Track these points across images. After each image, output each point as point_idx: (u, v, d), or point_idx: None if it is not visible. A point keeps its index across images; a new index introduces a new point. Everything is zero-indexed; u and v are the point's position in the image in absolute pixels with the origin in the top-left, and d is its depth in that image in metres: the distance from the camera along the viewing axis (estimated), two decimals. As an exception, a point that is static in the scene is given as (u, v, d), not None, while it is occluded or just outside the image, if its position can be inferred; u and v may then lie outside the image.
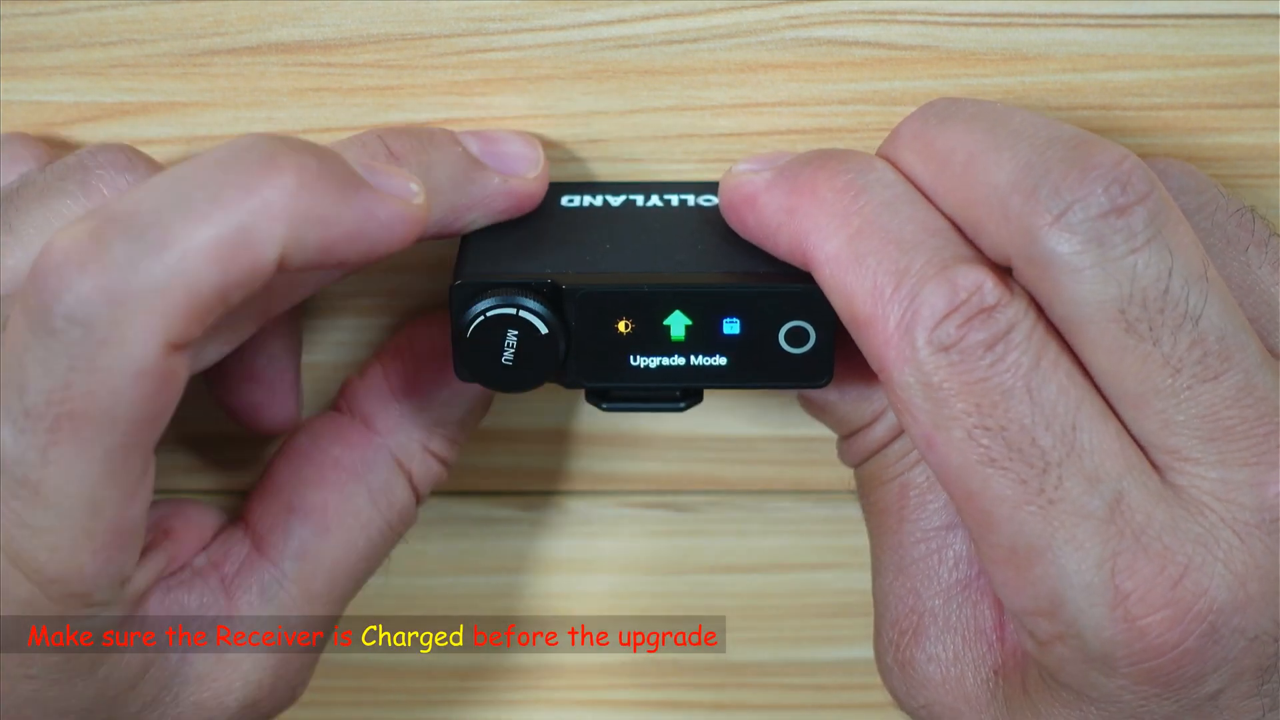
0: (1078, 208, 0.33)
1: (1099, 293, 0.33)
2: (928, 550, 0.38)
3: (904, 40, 0.41)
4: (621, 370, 0.38)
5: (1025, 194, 0.34)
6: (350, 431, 0.41)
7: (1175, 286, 0.34)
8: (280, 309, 0.39)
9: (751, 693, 0.49)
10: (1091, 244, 0.33)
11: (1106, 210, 0.33)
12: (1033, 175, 0.34)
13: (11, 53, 0.41)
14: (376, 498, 0.41)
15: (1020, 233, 0.34)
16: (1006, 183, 0.34)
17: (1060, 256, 0.33)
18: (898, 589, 0.38)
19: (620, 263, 0.38)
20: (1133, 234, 0.33)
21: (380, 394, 0.42)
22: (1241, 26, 0.40)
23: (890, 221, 0.35)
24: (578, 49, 0.41)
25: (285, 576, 0.40)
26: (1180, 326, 0.34)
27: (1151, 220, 0.33)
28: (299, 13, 0.41)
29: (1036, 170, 0.34)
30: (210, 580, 0.40)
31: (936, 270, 0.34)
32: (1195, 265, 0.34)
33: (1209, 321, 0.34)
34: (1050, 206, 0.33)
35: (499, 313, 0.37)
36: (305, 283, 0.39)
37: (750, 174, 0.37)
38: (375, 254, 0.35)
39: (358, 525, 0.41)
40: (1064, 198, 0.33)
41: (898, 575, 0.38)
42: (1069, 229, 0.33)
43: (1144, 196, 0.33)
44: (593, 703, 0.49)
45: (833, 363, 0.37)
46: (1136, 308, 0.33)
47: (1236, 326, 0.34)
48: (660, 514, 0.47)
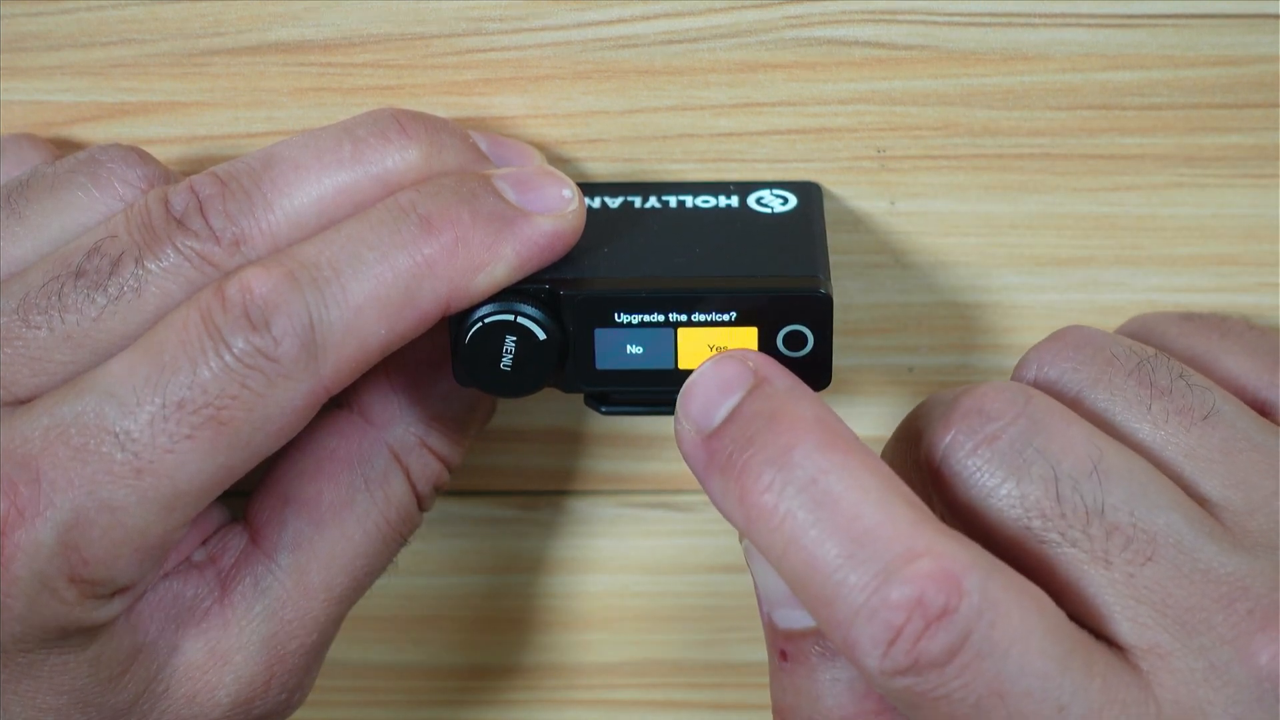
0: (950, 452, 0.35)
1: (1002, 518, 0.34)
2: None
3: (904, 40, 0.40)
4: (620, 374, 0.38)
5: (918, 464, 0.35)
6: (347, 424, 0.41)
7: (1065, 491, 0.34)
8: None
9: (751, 693, 0.49)
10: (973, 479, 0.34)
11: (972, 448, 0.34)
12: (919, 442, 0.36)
13: (11, 53, 0.41)
14: (373, 490, 0.41)
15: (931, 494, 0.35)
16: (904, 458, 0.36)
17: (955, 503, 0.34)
18: None
19: (617, 267, 0.38)
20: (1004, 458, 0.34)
21: (379, 387, 0.42)
22: (1241, 26, 0.40)
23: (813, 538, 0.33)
24: (578, 49, 0.41)
25: (279, 568, 0.40)
26: (1088, 522, 0.34)
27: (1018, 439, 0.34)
28: (299, 13, 0.41)
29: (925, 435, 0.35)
30: (206, 573, 0.40)
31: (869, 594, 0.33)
32: (1081, 464, 0.34)
33: (1114, 510, 0.34)
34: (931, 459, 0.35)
35: (497, 319, 0.37)
36: None
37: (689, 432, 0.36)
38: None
39: (353, 518, 0.41)
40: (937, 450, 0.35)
41: None
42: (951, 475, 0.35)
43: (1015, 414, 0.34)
44: (593, 703, 0.49)
45: (831, 366, 0.37)
46: (1038, 519, 0.34)
47: (1149, 504, 0.34)
48: (660, 514, 0.47)
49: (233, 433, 0.35)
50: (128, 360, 0.36)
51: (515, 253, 0.37)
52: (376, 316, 0.36)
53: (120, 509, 0.35)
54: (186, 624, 0.39)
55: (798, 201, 0.41)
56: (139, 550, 0.36)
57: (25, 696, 0.37)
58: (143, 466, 0.35)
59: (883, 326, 0.44)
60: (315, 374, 0.36)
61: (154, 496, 0.35)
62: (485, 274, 0.37)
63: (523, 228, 0.37)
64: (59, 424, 0.35)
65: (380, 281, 0.36)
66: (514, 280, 0.37)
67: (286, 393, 0.35)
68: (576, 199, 0.38)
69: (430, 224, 0.36)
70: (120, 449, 0.35)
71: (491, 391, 0.38)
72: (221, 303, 0.35)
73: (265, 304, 0.35)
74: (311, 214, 0.37)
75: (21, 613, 0.36)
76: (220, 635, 0.39)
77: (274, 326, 0.35)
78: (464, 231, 0.37)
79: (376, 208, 0.37)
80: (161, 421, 0.35)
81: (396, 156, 0.38)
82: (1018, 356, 0.38)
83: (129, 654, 0.38)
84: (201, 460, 0.35)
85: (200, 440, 0.35)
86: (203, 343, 0.35)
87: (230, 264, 0.37)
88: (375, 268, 0.36)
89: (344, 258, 0.36)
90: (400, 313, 0.36)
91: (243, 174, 0.37)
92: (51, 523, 0.35)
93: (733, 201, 0.41)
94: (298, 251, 0.36)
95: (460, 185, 0.37)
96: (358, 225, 0.37)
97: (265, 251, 0.37)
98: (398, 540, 0.41)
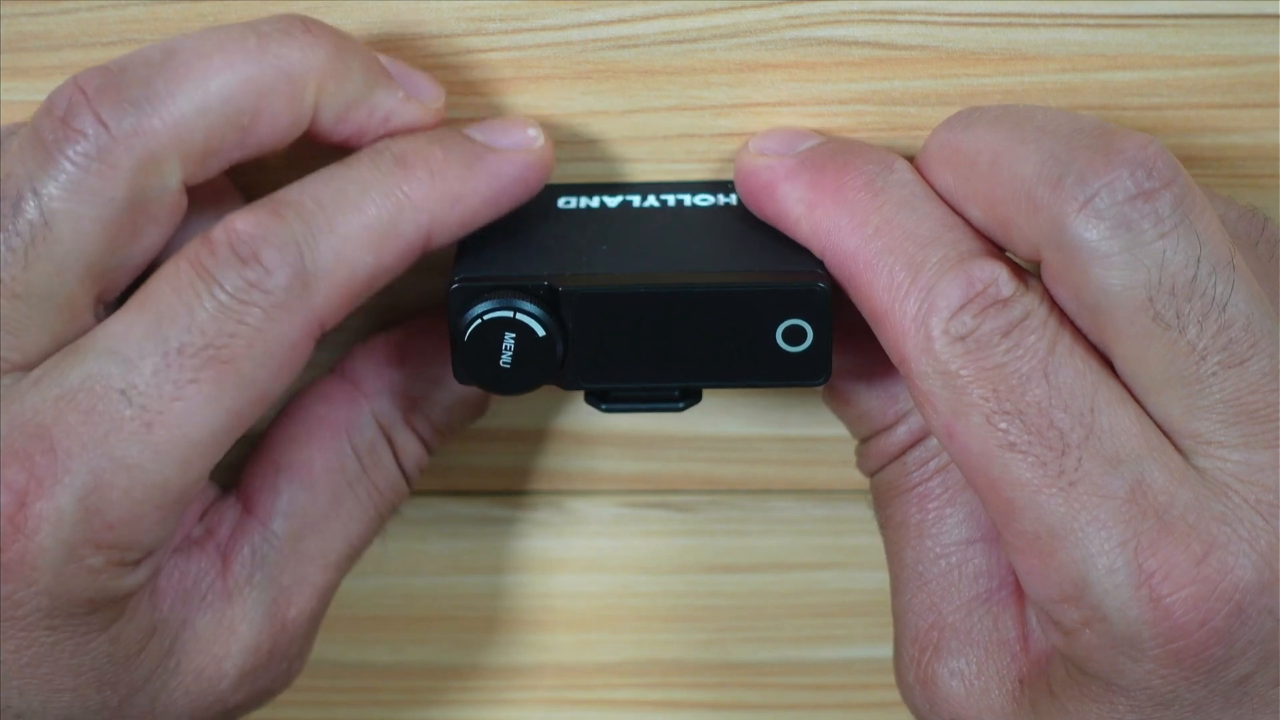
0: (1104, 193, 0.34)
1: (1127, 279, 0.34)
2: (947, 565, 0.38)
3: (904, 40, 0.40)
4: (620, 371, 0.38)
5: (1051, 184, 0.34)
6: (336, 391, 0.42)
7: (1203, 273, 0.34)
8: None
9: (751, 693, 0.49)
10: (1119, 229, 0.34)
11: (1133, 195, 0.34)
12: (1058, 165, 0.34)
13: (11, 53, 0.41)
14: (362, 457, 0.41)
15: (1048, 222, 0.34)
16: (1032, 175, 0.34)
17: (1088, 243, 0.34)
18: (917, 605, 0.38)
19: (617, 264, 0.38)
20: (1160, 219, 0.34)
21: (374, 358, 0.42)
22: (1241, 26, 0.40)
23: (908, 219, 0.36)
24: (578, 49, 0.41)
25: (275, 535, 0.40)
26: (1207, 314, 0.34)
27: (1178, 205, 0.34)
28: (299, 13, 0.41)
29: (1061, 160, 0.34)
30: (206, 547, 0.40)
31: (952, 264, 0.35)
32: (1222, 252, 0.34)
33: (1235, 308, 0.34)
34: (1077, 194, 0.34)
35: (496, 316, 0.37)
36: None
37: (768, 160, 0.38)
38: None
39: (344, 483, 0.41)
40: (1090, 185, 0.34)
41: (917, 591, 0.38)
42: (1096, 215, 0.34)
43: (1170, 181, 0.34)
44: (593, 703, 0.49)
45: (830, 361, 0.37)
46: (1165, 295, 0.34)
47: (1262, 313, 0.34)
48: (660, 514, 0.47)
49: (235, 372, 0.36)
50: (125, 317, 0.36)
51: (488, 184, 0.38)
52: (363, 244, 0.37)
53: (136, 466, 0.36)
54: (192, 598, 0.39)
55: (798, 201, 0.41)
56: (160, 507, 0.36)
57: (43, 679, 0.37)
58: (152, 419, 0.36)
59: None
60: (309, 304, 0.36)
61: (168, 449, 0.36)
62: (463, 205, 0.38)
63: (492, 161, 0.39)
64: (67, 391, 0.36)
65: (363, 212, 0.37)
66: (491, 215, 0.39)
67: (283, 325, 0.36)
68: (542, 137, 0.39)
69: (405, 160, 0.38)
70: (128, 405, 0.35)
71: (491, 389, 0.38)
72: (209, 247, 0.36)
73: (252, 239, 0.36)
74: (217, 104, 0.36)
75: (49, 585, 0.36)
76: (225, 607, 0.40)
77: (264, 258, 0.36)
78: (438, 166, 0.38)
79: (353, 154, 0.38)
80: (165, 370, 0.36)
81: (301, 53, 0.37)
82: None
83: (146, 632, 0.38)
84: (208, 404, 0.36)
85: (205, 383, 0.36)
86: (195, 286, 0.36)
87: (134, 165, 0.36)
88: (357, 199, 0.37)
89: (327, 194, 0.37)
90: (385, 242, 0.37)
91: (139, 65, 0.37)
92: (71, 489, 0.35)
93: (731, 199, 0.41)
94: (279, 194, 0.37)
95: (431, 132, 0.39)
96: (336, 167, 0.38)
97: (170, 147, 0.36)
98: (387, 509, 0.42)
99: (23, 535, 0.35)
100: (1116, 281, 0.34)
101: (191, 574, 0.39)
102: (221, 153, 0.37)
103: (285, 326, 0.36)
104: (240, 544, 0.40)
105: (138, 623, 0.38)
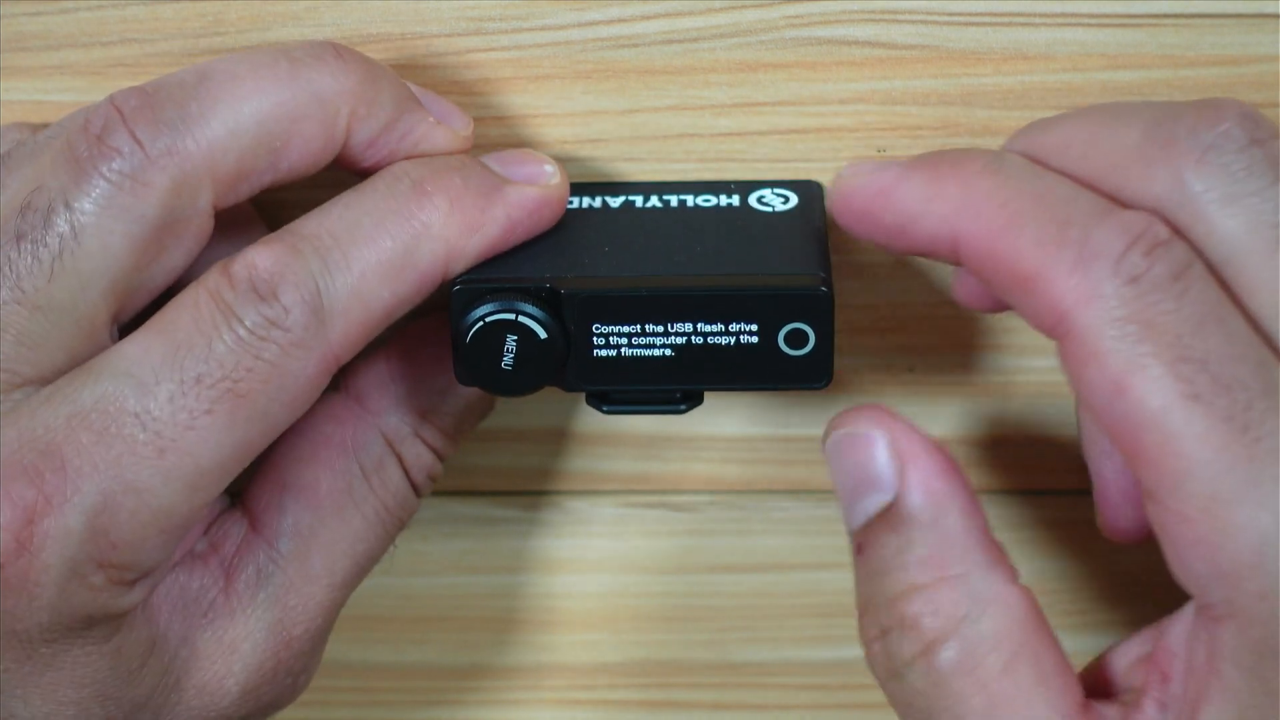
0: (1221, 142, 0.34)
1: (1256, 221, 0.34)
2: None
3: (904, 40, 0.41)
4: (621, 373, 0.38)
5: (1163, 143, 0.34)
6: (343, 409, 0.42)
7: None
8: None
9: (751, 693, 0.49)
10: (1240, 176, 0.34)
11: (1246, 144, 0.34)
12: (1165, 128, 0.34)
13: (11, 52, 0.41)
14: (370, 476, 0.41)
15: (1166, 178, 0.34)
16: (1139, 139, 0.35)
17: (1212, 191, 0.34)
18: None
19: (619, 266, 0.38)
20: (1275, 163, 0.34)
21: (378, 374, 0.42)
22: (1241, 26, 0.40)
23: (1038, 186, 0.35)
24: (578, 49, 0.41)
25: (281, 555, 0.40)
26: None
27: None
28: (299, 13, 0.41)
29: (1167, 124, 0.34)
30: (210, 563, 0.40)
31: (1102, 213, 0.34)
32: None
33: None
34: (1192, 147, 0.34)
35: (498, 318, 0.37)
36: None
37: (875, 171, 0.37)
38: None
39: (351, 503, 0.41)
40: (1203, 136, 0.34)
41: None
42: (1216, 164, 0.34)
43: (1275, 132, 0.34)
44: (593, 703, 0.49)
45: (832, 364, 0.37)
46: None
47: None
48: (660, 514, 0.47)
49: (250, 405, 0.36)
50: (142, 340, 0.36)
51: (506, 215, 0.38)
52: (379, 279, 0.37)
53: (146, 490, 0.36)
54: (194, 615, 0.39)
55: (799, 200, 0.41)
56: (164, 531, 0.36)
57: (47, 689, 0.37)
58: (165, 445, 0.36)
59: (882, 326, 0.44)
60: (325, 340, 0.36)
61: (178, 475, 0.36)
62: (480, 235, 0.38)
63: (510, 193, 0.38)
64: (80, 410, 0.36)
65: (379, 245, 0.37)
66: (506, 245, 0.38)
67: (299, 361, 0.36)
68: (559, 173, 0.39)
69: (423, 188, 0.37)
70: (142, 429, 0.35)
71: (493, 390, 0.38)
72: (229, 280, 0.36)
73: (271, 276, 0.36)
74: (250, 128, 0.37)
75: (51, 601, 0.36)
76: (227, 625, 0.39)
77: (282, 296, 0.36)
78: (456, 195, 0.38)
79: (370, 179, 0.38)
80: (181, 398, 0.36)
81: (333, 79, 0.37)
82: (1019, 357, 0.38)
83: (146, 646, 0.38)
84: (222, 435, 0.36)
85: (220, 414, 0.36)
86: (214, 319, 0.36)
87: (167, 185, 0.36)
88: (373, 232, 0.37)
89: (342, 226, 0.37)
90: (401, 274, 0.37)
91: (173, 87, 0.37)
92: (80, 508, 0.35)
93: (733, 200, 0.41)
94: (296, 226, 0.37)
95: (449, 158, 0.39)
96: (353, 195, 0.37)
97: (203, 169, 0.36)
98: (396, 525, 0.42)
99: (28, 552, 0.35)
100: (1244, 226, 0.34)
101: (193, 589, 0.39)
102: (253, 176, 0.37)
103: (301, 363, 0.36)
104: (245, 562, 0.40)
105: (136, 637, 0.38)
